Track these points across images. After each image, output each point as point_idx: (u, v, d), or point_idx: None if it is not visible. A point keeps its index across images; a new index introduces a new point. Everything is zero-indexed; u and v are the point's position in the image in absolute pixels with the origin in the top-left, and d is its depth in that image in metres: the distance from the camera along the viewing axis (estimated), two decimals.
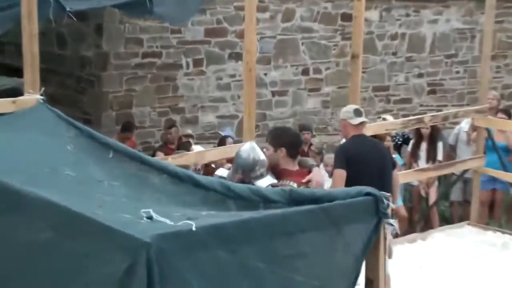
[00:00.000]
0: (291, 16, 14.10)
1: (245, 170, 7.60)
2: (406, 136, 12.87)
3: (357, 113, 9.57)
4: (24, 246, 4.83)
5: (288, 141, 8.13)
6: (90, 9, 11.43)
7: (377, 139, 10.44)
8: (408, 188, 12.40)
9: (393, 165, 9.76)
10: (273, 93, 13.98)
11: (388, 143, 11.88)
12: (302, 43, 14.24)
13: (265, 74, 13.70)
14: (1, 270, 5.00)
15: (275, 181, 7.93)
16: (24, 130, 6.39)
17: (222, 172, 8.43)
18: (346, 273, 5.06)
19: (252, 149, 7.68)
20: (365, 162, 9.23)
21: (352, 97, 9.11)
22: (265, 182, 7.84)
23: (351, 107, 9.87)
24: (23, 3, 7.26)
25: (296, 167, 8.12)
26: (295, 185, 7.67)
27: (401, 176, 11.47)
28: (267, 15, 13.63)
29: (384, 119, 12.17)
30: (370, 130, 11.09)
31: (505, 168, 12.02)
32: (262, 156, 7.69)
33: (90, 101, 12.82)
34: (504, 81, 15.98)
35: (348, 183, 8.43)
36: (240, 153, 7.69)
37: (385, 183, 9.05)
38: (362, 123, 9.63)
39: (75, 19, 10.83)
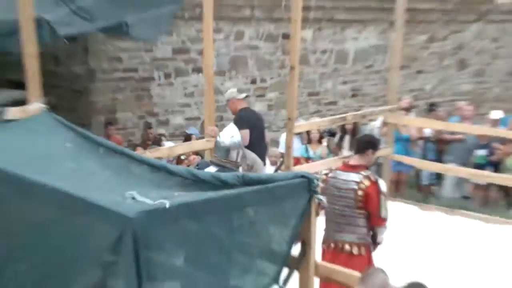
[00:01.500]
0: (241, 36, 14.11)
1: (219, 151, 7.16)
2: (332, 131, 12.99)
3: (240, 90, 10.05)
4: (35, 224, 4.93)
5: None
6: (79, 33, 11.45)
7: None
8: None
9: None
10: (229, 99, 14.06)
11: (315, 134, 12.07)
12: (250, 58, 14.30)
13: (221, 84, 13.74)
14: (13, 244, 5.05)
15: None
16: (32, 132, 6.36)
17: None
18: (286, 237, 5.20)
19: (230, 135, 7.19)
20: (258, 127, 9.52)
21: (290, 101, 9.14)
22: None
23: (233, 89, 10.33)
24: (23, 28, 7.23)
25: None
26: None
27: (330, 162, 11.62)
28: (221, 35, 13.66)
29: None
30: (304, 127, 11.27)
31: (408, 155, 12.36)
32: (238, 140, 7.19)
33: (83, 109, 12.79)
34: (409, 86, 16.20)
35: (250, 143, 8.75)
36: (219, 138, 7.23)
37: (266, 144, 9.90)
38: (247, 97, 10.00)
39: (66, 42, 10.86)
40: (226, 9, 13.52)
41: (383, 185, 7.16)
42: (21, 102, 7.54)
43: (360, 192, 7.01)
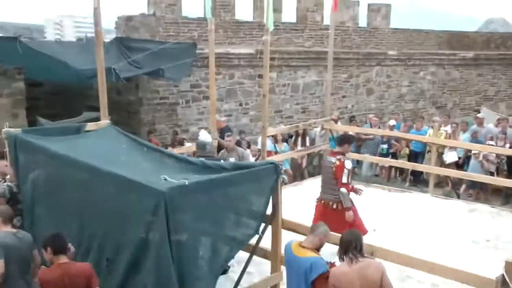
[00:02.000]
0: (232, 76, 13.99)
1: (198, 146, 7.19)
2: (290, 134, 12.84)
3: (220, 116, 10.59)
4: (102, 197, 4.85)
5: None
6: (132, 76, 11.37)
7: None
8: (292, 160, 12.40)
9: None
10: (225, 115, 13.90)
11: (279, 137, 11.95)
12: (239, 90, 14.20)
13: (221, 106, 13.66)
14: (89, 210, 5.00)
15: None
16: (101, 138, 6.33)
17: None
18: (262, 202, 5.09)
19: (204, 137, 7.23)
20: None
21: (263, 117, 9.06)
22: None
23: (219, 115, 10.55)
24: (99, 73, 7.27)
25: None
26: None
27: (288, 155, 11.56)
28: (220, 76, 13.53)
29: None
30: (272, 132, 11.16)
31: None
32: (210, 140, 7.18)
33: (134, 123, 12.65)
34: (338, 106, 16.17)
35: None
36: (198, 138, 7.25)
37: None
38: (225, 120, 10.38)
39: (124, 81, 10.77)
40: (223, 60, 13.42)
41: (348, 164, 7.20)
42: (96, 119, 7.52)
43: (334, 168, 7.15)
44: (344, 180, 7.10)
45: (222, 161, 7.31)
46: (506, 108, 20.25)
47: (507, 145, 11.07)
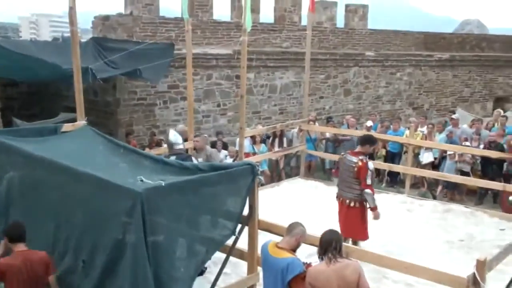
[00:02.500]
0: (210, 77, 13.97)
1: (168, 145, 7.25)
2: (268, 135, 12.87)
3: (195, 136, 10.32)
4: (78, 199, 4.82)
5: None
6: (109, 76, 11.30)
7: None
8: (270, 161, 12.43)
9: None
10: (203, 116, 13.91)
11: (257, 138, 12.00)
12: (216, 90, 14.18)
13: (199, 107, 13.64)
14: (65, 211, 4.96)
15: None
16: (78, 139, 6.28)
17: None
18: (239, 203, 5.10)
19: (173, 135, 7.28)
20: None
21: (241, 118, 9.08)
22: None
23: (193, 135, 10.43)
24: (75, 74, 7.19)
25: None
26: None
27: (266, 156, 11.62)
28: (198, 77, 13.51)
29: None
30: (250, 133, 11.25)
31: (315, 149, 12.34)
32: (180, 140, 7.20)
33: (112, 124, 12.56)
34: (315, 107, 16.26)
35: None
36: (167, 136, 7.28)
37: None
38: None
39: (101, 81, 10.70)
40: (201, 60, 13.42)
41: (370, 165, 7.26)
42: (72, 120, 7.48)
43: (356, 168, 7.21)
44: (369, 181, 7.21)
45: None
46: (481, 109, 20.61)
47: (481, 146, 11.28)
